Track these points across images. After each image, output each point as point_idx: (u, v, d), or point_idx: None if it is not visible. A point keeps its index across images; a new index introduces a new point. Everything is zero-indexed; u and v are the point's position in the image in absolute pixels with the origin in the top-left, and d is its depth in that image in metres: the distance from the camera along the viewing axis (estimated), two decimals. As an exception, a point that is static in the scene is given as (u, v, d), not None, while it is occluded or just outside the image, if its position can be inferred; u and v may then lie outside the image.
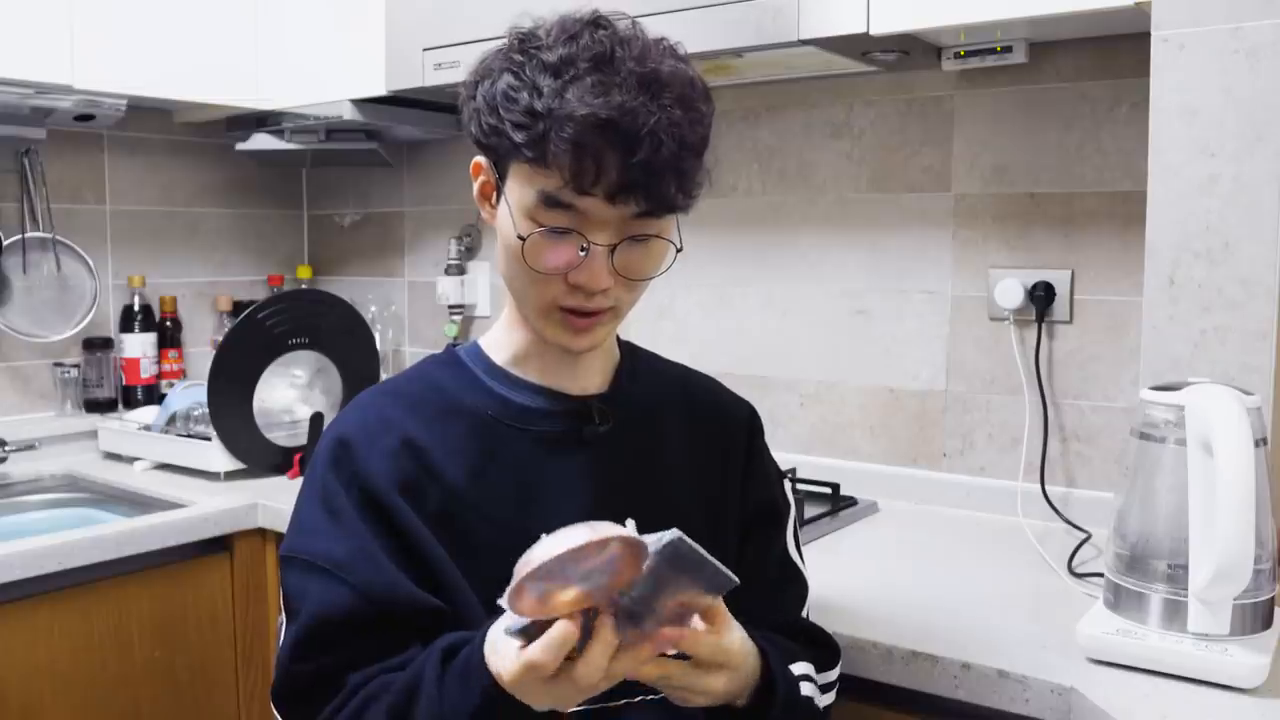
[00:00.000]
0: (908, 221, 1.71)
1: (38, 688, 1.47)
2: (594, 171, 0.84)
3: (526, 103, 0.85)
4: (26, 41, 1.75)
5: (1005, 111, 1.61)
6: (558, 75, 0.85)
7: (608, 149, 0.83)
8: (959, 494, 1.67)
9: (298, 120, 2.12)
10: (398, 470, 0.92)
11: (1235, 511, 0.94)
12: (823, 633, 1.06)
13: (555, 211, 0.87)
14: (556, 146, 0.83)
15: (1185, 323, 1.17)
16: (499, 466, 0.95)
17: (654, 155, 0.84)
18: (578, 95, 0.83)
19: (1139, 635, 1.02)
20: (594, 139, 0.83)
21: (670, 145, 0.84)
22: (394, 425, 0.95)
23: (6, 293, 2.02)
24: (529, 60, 0.87)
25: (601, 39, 0.86)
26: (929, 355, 1.70)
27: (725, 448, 1.06)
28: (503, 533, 0.90)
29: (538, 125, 0.84)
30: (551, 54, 0.86)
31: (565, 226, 0.87)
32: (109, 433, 2.03)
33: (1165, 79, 1.17)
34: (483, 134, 0.90)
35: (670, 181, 0.86)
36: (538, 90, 0.85)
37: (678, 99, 0.86)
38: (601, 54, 0.85)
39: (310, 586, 0.90)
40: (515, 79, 0.86)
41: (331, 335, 1.91)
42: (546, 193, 0.86)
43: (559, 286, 0.90)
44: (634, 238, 0.90)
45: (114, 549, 1.53)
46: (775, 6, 1.42)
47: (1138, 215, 1.23)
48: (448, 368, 1.01)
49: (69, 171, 2.14)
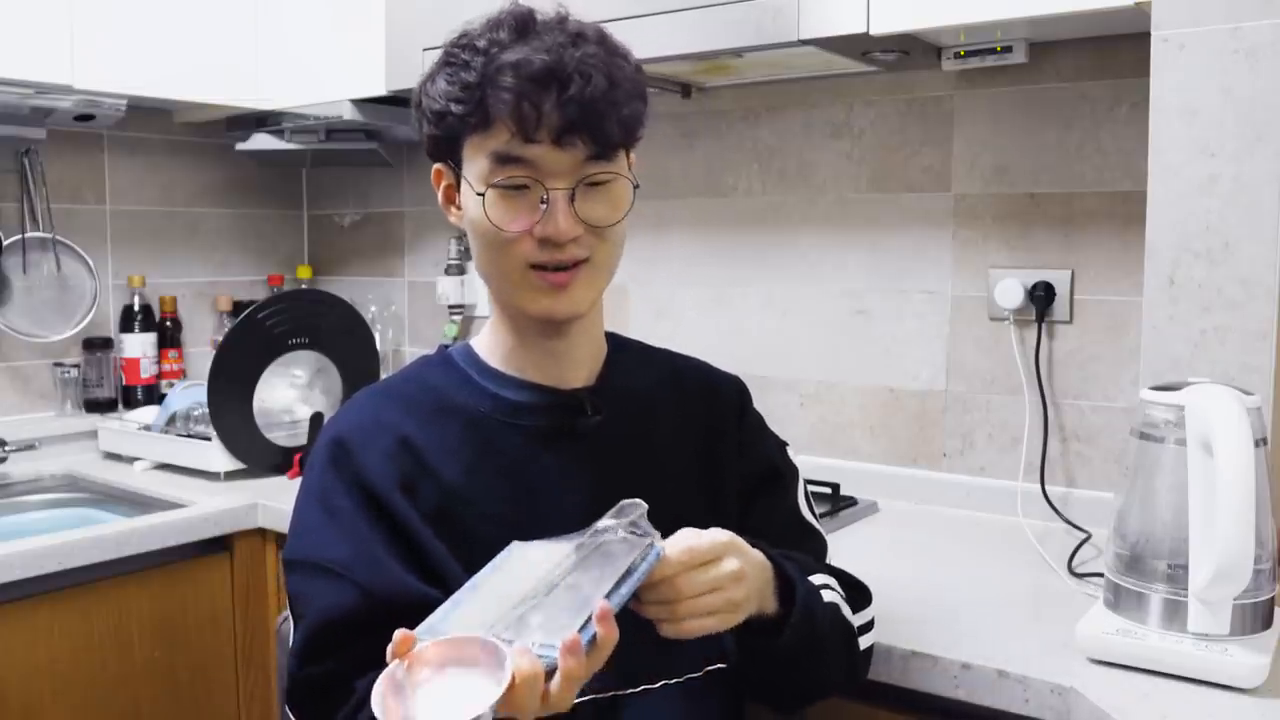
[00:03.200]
0: (908, 221, 1.71)
1: (38, 688, 1.47)
2: (535, 116, 0.87)
3: (462, 78, 0.90)
4: (26, 41, 1.75)
5: (1005, 111, 1.61)
6: (486, 51, 0.90)
7: (542, 91, 0.87)
8: (959, 494, 1.66)
9: (298, 120, 2.12)
10: (396, 470, 0.93)
11: (1235, 511, 0.94)
12: (850, 575, 1.06)
13: (509, 167, 0.90)
14: (495, 101, 0.87)
15: (1185, 323, 1.17)
16: (494, 463, 0.96)
17: (586, 89, 0.87)
18: (503, 52, 0.88)
19: (1139, 635, 1.02)
20: (527, 85, 0.87)
21: (600, 80, 0.88)
22: (389, 425, 0.96)
23: (6, 293, 2.02)
24: (459, 50, 0.92)
25: (521, 11, 0.92)
26: (929, 355, 1.70)
27: (717, 425, 1.07)
28: (500, 527, 0.91)
29: (475, 93, 0.89)
30: (480, 39, 0.91)
31: (521, 179, 0.90)
32: (109, 433, 2.03)
33: (1165, 79, 1.17)
34: (432, 127, 0.94)
35: (610, 116, 0.89)
36: (469, 66, 0.90)
37: (599, 43, 0.91)
38: (522, 18, 0.91)
39: (315, 588, 0.91)
40: (448, 66, 0.92)
41: (331, 335, 1.91)
42: (497, 151, 0.89)
43: (528, 244, 0.91)
44: (591, 183, 0.91)
45: (114, 549, 1.53)
46: (775, 6, 1.42)
47: (1138, 215, 1.23)
48: (440, 368, 1.02)
49: (69, 171, 2.14)
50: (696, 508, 1.01)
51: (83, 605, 1.51)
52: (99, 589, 1.53)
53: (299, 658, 0.90)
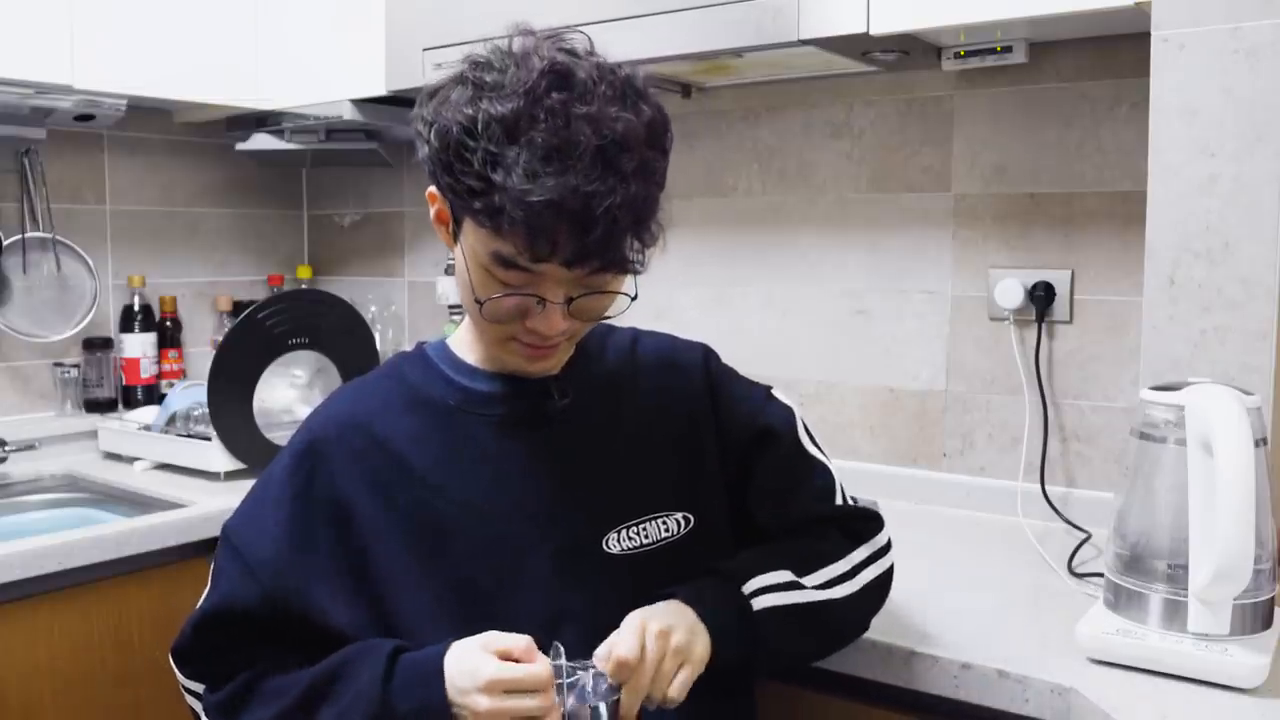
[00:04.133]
0: (908, 221, 1.71)
1: (38, 688, 1.47)
2: (549, 247, 0.84)
3: (480, 168, 0.84)
4: (26, 41, 1.75)
5: (1005, 111, 1.61)
6: (512, 138, 0.83)
7: (563, 228, 0.83)
8: (959, 494, 1.66)
9: (298, 120, 2.12)
10: (368, 469, 0.97)
11: (1235, 511, 0.94)
12: (853, 512, 1.10)
13: (511, 271, 0.88)
14: (511, 222, 0.83)
15: (1185, 323, 1.17)
16: (466, 453, 0.98)
17: (611, 230, 0.84)
18: (531, 171, 0.82)
19: (1139, 635, 1.02)
20: (549, 220, 0.83)
21: (626, 219, 0.85)
22: (363, 422, 0.99)
23: (6, 293, 2.02)
24: (482, 107, 0.84)
25: (557, 101, 0.84)
26: (929, 355, 1.70)
27: (686, 394, 1.07)
28: (473, 515, 0.96)
29: (492, 196, 0.83)
30: (505, 104, 0.84)
31: (521, 288, 0.89)
32: (109, 433, 2.02)
33: (1165, 79, 1.17)
34: (436, 178, 0.90)
35: (626, 247, 0.87)
36: (491, 156, 0.83)
37: (637, 168, 0.85)
38: (558, 119, 0.83)
39: (229, 571, 0.97)
40: (468, 136, 0.85)
41: (331, 335, 1.91)
42: (502, 255, 0.87)
43: (516, 326, 0.92)
44: (588, 293, 0.91)
45: (114, 549, 1.53)
46: (775, 6, 1.42)
47: (1138, 215, 1.23)
48: (414, 364, 1.05)
49: (69, 171, 2.14)
50: (671, 478, 1.03)
51: (83, 605, 1.51)
52: (99, 589, 1.53)
53: (194, 623, 0.97)
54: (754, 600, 0.95)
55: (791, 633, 0.98)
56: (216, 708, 0.97)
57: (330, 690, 0.90)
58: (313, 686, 0.91)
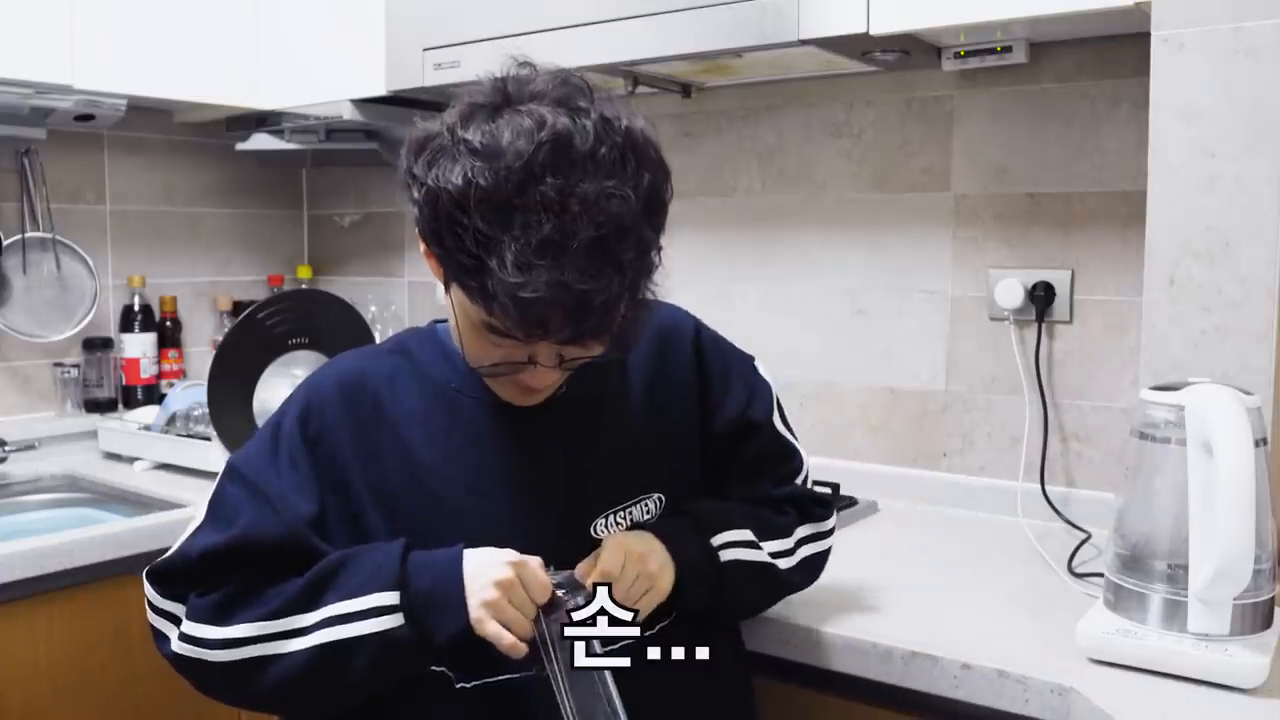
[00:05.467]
0: (907, 221, 1.71)
1: (38, 688, 1.47)
2: (541, 331, 0.86)
3: (472, 248, 0.83)
4: (26, 41, 1.75)
5: (1005, 111, 1.61)
6: (505, 223, 0.82)
7: (557, 321, 0.85)
8: (959, 494, 1.66)
9: (298, 120, 2.12)
10: (368, 441, 0.99)
11: (1235, 511, 0.94)
12: (811, 496, 1.16)
13: (504, 342, 0.90)
14: (503, 309, 0.83)
15: (1185, 323, 1.17)
16: (461, 433, 1.00)
17: (604, 318, 0.85)
18: (524, 264, 0.81)
19: (1139, 635, 1.02)
20: (541, 311, 0.83)
21: (625, 307, 0.87)
22: (366, 391, 1.01)
23: (6, 293, 2.02)
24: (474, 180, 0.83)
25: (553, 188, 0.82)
26: (929, 355, 1.70)
27: (676, 368, 1.09)
28: (468, 494, 0.99)
29: (484, 279, 0.83)
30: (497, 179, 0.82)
31: (511, 358, 0.92)
32: (109, 433, 2.02)
33: (1165, 79, 1.17)
34: (426, 238, 0.90)
35: (617, 329, 0.90)
36: (483, 239, 0.82)
37: (635, 255, 0.85)
38: (553, 207, 0.82)
39: (249, 506, 0.97)
40: (460, 211, 0.83)
41: (331, 335, 1.91)
42: (495, 328, 0.88)
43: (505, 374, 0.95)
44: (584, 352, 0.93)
45: (114, 549, 1.53)
46: (775, 6, 1.42)
47: (1138, 215, 1.23)
48: (423, 342, 1.06)
49: (69, 171, 2.13)
50: (655, 460, 1.07)
51: (83, 605, 1.51)
52: (99, 589, 1.53)
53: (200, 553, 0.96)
54: (721, 553, 1.03)
55: (749, 587, 1.07)
56: (209, 609, 0.95)
57: (334, 579, 0.92)
58: (317, 576, 0.93)
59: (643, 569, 0.95)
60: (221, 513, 0.98)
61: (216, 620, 0.94)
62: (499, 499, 1.00)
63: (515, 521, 0.99)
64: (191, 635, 0.95)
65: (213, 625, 0.94)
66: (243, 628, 0.93)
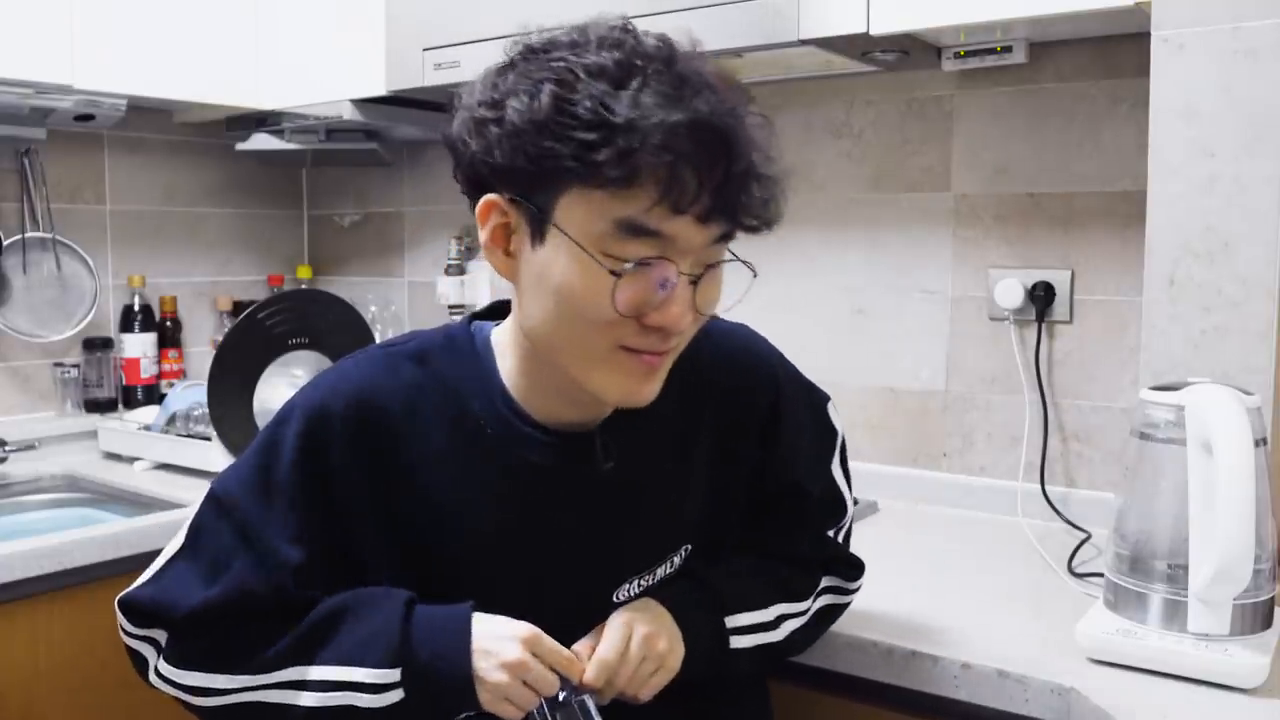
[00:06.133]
0: (907, 221, 1.71)
1: (38, 688, 1.47)
2: (694, 187, 0.74)
3: (595, 114, 0.73)
4: (26, 41, 1.75)
5: (1005, 111, 1.61)
6: (621, 83, 0.74)
7: (705, 159, 0.74)
8: (959, 494, 1.66)
9: (298, 120, 2.12)
10: (375, 476, 0.87)
11: (1235, 511, 0.94)
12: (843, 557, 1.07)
13: (637, 241, 0.76)
14: (647, 161, 0.72)
15: (1185, 323, 1.17)
16: (486, 488, 0.89)
17: (749, 164, 0.76)
18: (658, 101, 0.73)
19: (1139, 635, 1.02)
20: (689, 148, 0.73)
21: (760, 153, 0.77)
22: (380, 420, 0.88)
23: (6, 293, 2.02)
24: (571, 61, 0.75)
25: (653, 44, 0.77)
26: (929, 355, 1.70)
27: (744, 419, 0.98)
28: (481, 555, 0.90)
29: (617, 139, 0.72)
30: (597, 58, 0.75)
31: (653, 257, 0.77)
32: (109, 433, 2.02)
33: (1165, 79, 1.17)
34: (517, 161, 0.77)
35: (762, 194, 0.79)
36: (602, 101, 0.73)
37: (748, 104, 0.79)
38: (661, 56, 0.76)
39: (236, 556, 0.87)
40: (567, 89, 0.74)
41: (331, 335, 1.91)
42: (629, 219, 0.75)
43: (628, 328, 0.80)
44: (710, 265, 0.81)
45: (114, 549, 1.53)
46: (775, 6, 1.42)
47: (1138, 215, 1.23)
48: (456, 354, 0.92)
49: (69, 171, 2.13)
50: (693, 517, 0.98)
51: (83, 605, 1.51)
52: (99, 589, 1.53)
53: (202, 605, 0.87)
54: (733, 638, 0.95)
55: (755, 663, 0.99)
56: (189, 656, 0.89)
57: (331, 635, 0.85)
58: (311, 628, 0.86)
59: (650, 650, 0.88)
60: (205, 553, 0.89)
61: (197, 667, 0.88)
62: (516, 564, 0.90)
63: (534, 581, 0.91)
64: (169, 679, 0.90)
65: (192, 671, 0.88)
66: (226, 678, 0.87)
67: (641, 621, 0.89)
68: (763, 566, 1.01)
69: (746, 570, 1.00)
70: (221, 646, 0.88)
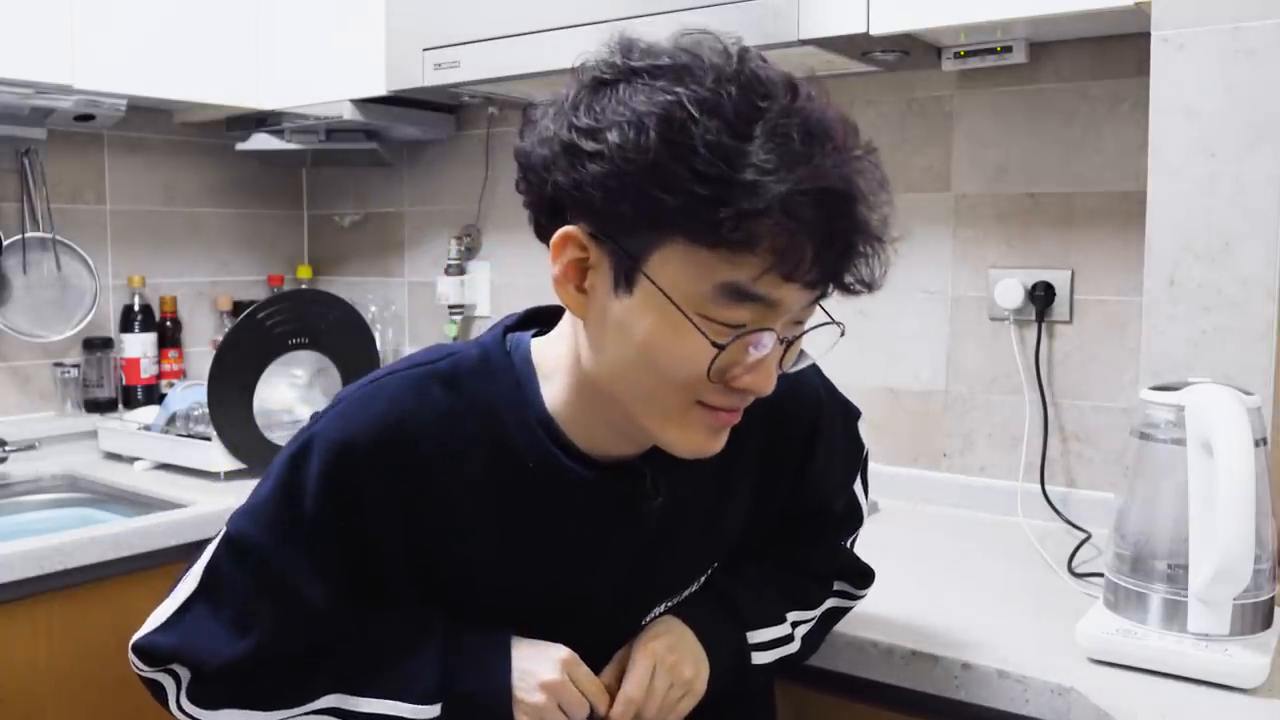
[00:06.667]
0: (907, 221, 1.71)
1: (38, 688, 1.47)
2: (810, 256, 0.69)
3: (714, 167, 0.66)
4: (26, 41, 1.75)
5: (1005, 111, 1.61)
6: (740, 129, 0.67)
7: (825, 231, 0.69)
8: (959, 494, 1.66)
9: (298, 120, 2.12)
10: (408, 509, 0.82)
11: (1235, 511, 0.94)
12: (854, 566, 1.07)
13: (740, 307, 0.71)
14: (767, 226, 0.67)
15: (1185, 323, 1.17)
16: (523, 523, 0.85)
17: (868, 228, 0.72)
18: (784, 157, 0.67)
19: (1139, 635, 1.02)
20: (811, 216, 0.67)
21: (878, 215, 0.73)
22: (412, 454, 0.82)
23: (6, 293, 2.02)
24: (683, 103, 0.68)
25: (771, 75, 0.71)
26: (929, 355, 1.70)
27: (781, 449, 0.96)
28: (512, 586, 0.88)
29: (739, 200, 0.66)
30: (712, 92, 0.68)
31: (750, 325, 0.72)
32: (109, 433, 2.02)
33: (1165, 79, 1.17)
34: (614, 202, 0.69)
35: (871, 257, 0.74)
36: (725, 152, 0.66)
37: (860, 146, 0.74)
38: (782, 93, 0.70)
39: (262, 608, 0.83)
40: (680, 130, 0.67)
41: (331, 335, 1.91)
42: (737, 284, 0.70)
43: (712, 388, 0.75)
44: (798, 323, 0.77)
45: (114, 549, 1.53)
46: (775, 6, 1.42)
47: (1138, 215, 1.23)
48: (491, 375, 0.85)
49: (69, 171, 2.13)
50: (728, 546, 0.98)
51: (83, 605, 1.51)
52: (99, 589, 1.53)
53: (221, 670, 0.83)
54: (755, 654, 0.96)
55: (772, 673, 1.00)
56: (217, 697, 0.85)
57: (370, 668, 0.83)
58: (350, 659, 0.83)
59: (677, 678, 0.88)
60: (229, 601, 0.84)
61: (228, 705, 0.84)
62: (558, 585, 0.88)
63: (568, 608, 0.89)
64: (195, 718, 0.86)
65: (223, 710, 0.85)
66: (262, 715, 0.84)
67: (667, 649, 0.89)
68: (781, 578, 1.01)
69: (765, 582, 1.00)
70: (253, 688, 0.85)
